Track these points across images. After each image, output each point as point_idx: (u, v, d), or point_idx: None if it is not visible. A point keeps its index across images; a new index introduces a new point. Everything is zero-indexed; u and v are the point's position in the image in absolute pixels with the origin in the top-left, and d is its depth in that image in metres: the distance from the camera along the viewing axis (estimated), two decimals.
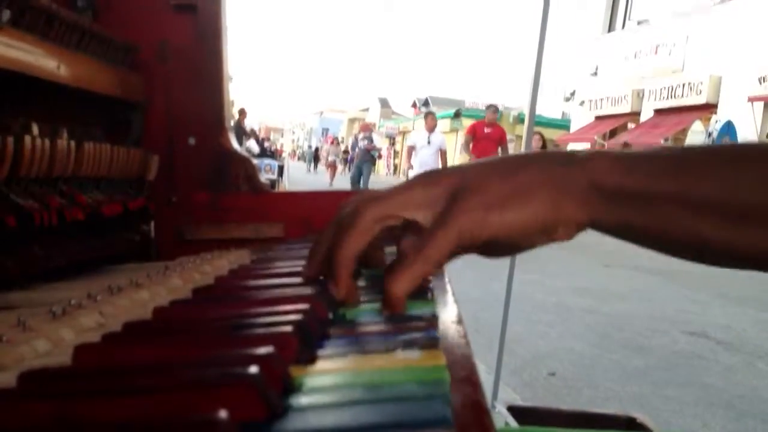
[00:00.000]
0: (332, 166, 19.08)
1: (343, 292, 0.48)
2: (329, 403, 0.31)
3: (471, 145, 8.62)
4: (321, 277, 0.52)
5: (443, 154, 9.11)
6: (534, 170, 0.46)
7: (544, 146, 9.03)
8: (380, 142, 15.81)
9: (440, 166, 8.98)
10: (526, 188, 0.46)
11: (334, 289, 0.48)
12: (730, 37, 12.55)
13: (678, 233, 0.44)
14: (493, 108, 9.12)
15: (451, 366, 0.34)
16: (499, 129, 8.90)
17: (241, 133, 11.60)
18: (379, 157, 16.07)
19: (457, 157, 27.98)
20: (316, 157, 33.87)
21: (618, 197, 0.45)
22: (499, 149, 8.71)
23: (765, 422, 2.80)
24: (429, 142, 8.95)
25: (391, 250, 0.53)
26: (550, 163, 0.47)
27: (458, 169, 0.49)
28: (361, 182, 13.23)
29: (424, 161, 8.75)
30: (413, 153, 9.10)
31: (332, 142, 20.41)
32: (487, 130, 8.74)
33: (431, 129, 9.08)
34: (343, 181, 19.27)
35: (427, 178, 0.48)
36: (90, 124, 0.96)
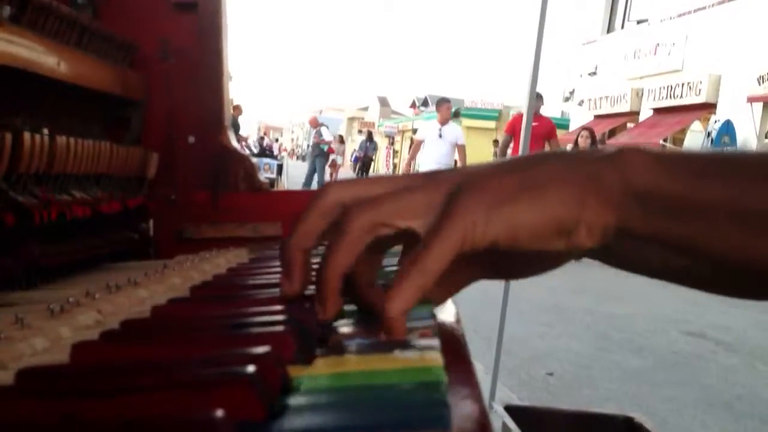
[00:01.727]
0: (333, 165, 18.79)
1: (331, 313, 0.42)
2: (327, 403, 0.31)
3: (512, 146, 7.06)
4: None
5: (461, 150, 7.34)
6: (553, 164, 0.40)
7: (594, 143, 7.32)
8: (328, 135, 15.23)
9: (456, 165, 6.91)
10: (542, 181, 0.39)
11: (320, 310, 0.42)
12: (729, 37, 12.54)
13: (724, 249, 0.37)
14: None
15: (449, 366, 0.34)
16: (546, 122, 7.27)
17: (237, 129, 11.58)
18: (330, 151, 15.68)
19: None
20: (327, 158, 33.69)
21: (655, 201, 0.38)
22: (546, 147, 6.96)
23: (764, 423, 2.80)
24: (440, 136, 7.17)
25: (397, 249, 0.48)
26: (573, 157, 0.40)
27: (461, 169, 0.43)
28: (316, 178, 13.08)
29: (433, 158, 7.13)
30: (420, 149, 7.44)
31: (337, 140, 19.95)
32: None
33: (444, 121, 7.34)
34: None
35: (426, 179, 0.42)
36: (89, 122, 0.96)
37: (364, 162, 21.09)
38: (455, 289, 0.45)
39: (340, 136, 20.51)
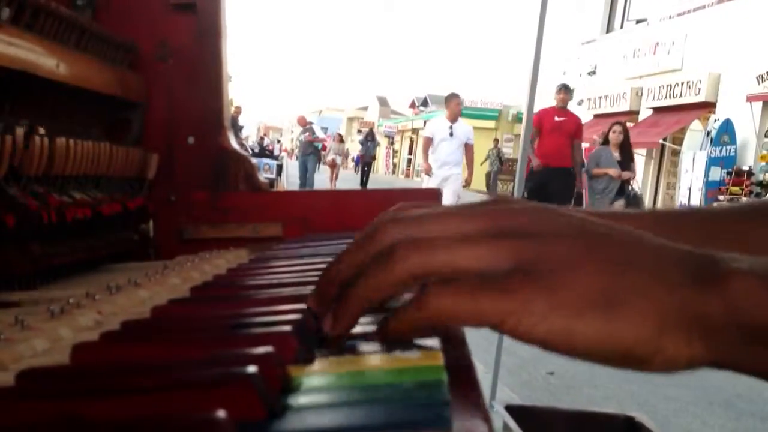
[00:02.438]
0: (333, 165, 17.42)
1: (341, 333, 0.39)
2: (327, 403, 0.31)
3: (536, 143, 6.38)
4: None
5: (469, 150, 6.85)
6: (646, 273, 0.33)
7: (626, 138, 6.75)
8: (320, 132, 14.86)
9: (464, 165, 6.86)
10: (626, 293, 0.32)
11: (329, 325, 0.39)
12: (728, 36, 12.55)
13: None
14: (563, 88, 6.72)
15: (449, 366, 0.34)
16: (573, 118, 6.67)
17: (237, 130, 11.59)
18: (323, 149, 15.40)
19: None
20: (319, 156, 33.60)
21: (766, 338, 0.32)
22: (573, 145, 6.48)
23: (764, 421, 2.80)
24: (451, 134, 6.66)
25: None
26: (670, 268, 0.33)
27: (544, 233, 0.35)
28: (307, 176, 13.07)
29: (442, 158, 6.66)
30: (431, 147, 6.79)
31: (336, 139, 18.79)
32: (558, 118, 6.42)
33: (454, 117, 6.76)
34: (348, 182, 18.73)
35: (497, 230, 0.36)
36: (89, 123, 0.96)
37: (365, 161, 20.54)
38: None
39: (339, 135, 19.84)
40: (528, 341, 0.33)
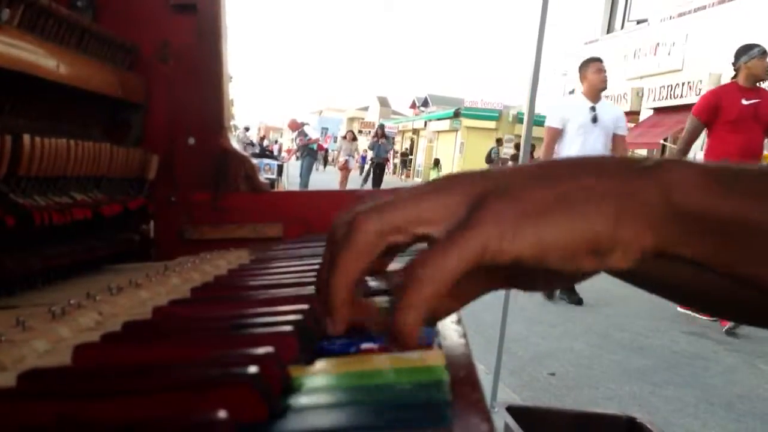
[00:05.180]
0: (344, 168, 15.32)
1: (340, 327, 0.38)
2: (328, 403, 0.31)
3: (708, 139, 4.42)
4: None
5: (620, 141, 4.52)
6: (589, 176, 0.36)
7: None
8: (312, 133, 14.27)
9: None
10: (577, 196, 0.35)
11: (328, 323, 0.38)
12: (729, 36, 12.54)
13: None
14: (761, 50, 4.27)
15: (451, 366, 0.34)
16: None
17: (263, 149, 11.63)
18: (320, 149, 14.76)
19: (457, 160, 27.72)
20: (315, 157, 33.32)
21: (703, 223, 0.34)
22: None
23: (765, 422, 2.80)
24: (594, 120, 4.35)
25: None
26: (612, 169, 0.36)
27: (485, 172, 0.38)
28: (301, 178, 12.98)
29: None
30: (558, 143, 4.47)
31: (349, 137, 16.23)
32: (747, 101, 4.21)
33: (596, 93, 4.42)
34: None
35: (444, 182, 0.38)
36: (90, 124, 0.96)
37: (377, 164, 16.80)
38: (466, 300, 0.41)
39: (352, 133, 17.37)
40: (512, 261, 0.34)
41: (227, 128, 1.08)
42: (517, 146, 18.32)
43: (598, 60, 4.53)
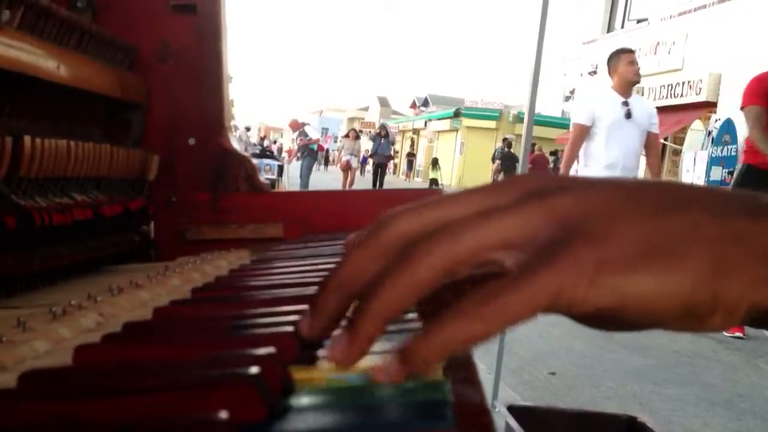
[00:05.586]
0: (347, 168, 14.78)
1: (354, 360, 0.31)
2: (329, 403, 0.31)
3: (754, 131, 3.86)
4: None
5: (654, 139, 4.15)
6: (695, 212, 0.29)
7: None
8: (313, 133, 14.06)
9: (643, 165, 3.88)
10: (679, 241, 0.28)
11: (338, 350, 0.30)
12: (729, 35, 12.54)
13: None
14: None
15: (451, 366, 0.34)
16: None
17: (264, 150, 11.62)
18: (320, 149, 14.59)
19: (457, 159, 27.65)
20: (326, 157, 33.08)
21: None
22: None
23: (766, 421, 2.80)
24: (628, 115, 3.89)
25: None
26: (721, 205, 0.29)
27: (577, 187, 0.31)
28: (301, 179, 12.97)
29: (613, 160, 3.85)
30: (587, 141, 3.94)
31: (352, 136, 15.42)
32: None
33: (627, 87, 4.01)
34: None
35: (524, 193, 0.31)
36: (90, 125, 0.96)
37: (377, 163, 16.47)
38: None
39: (355, 131, 16.67)
40: (586, 314, 0.29)
41: (227, 128, 1.08)
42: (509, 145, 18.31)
43: (630, 51, 4.15)
